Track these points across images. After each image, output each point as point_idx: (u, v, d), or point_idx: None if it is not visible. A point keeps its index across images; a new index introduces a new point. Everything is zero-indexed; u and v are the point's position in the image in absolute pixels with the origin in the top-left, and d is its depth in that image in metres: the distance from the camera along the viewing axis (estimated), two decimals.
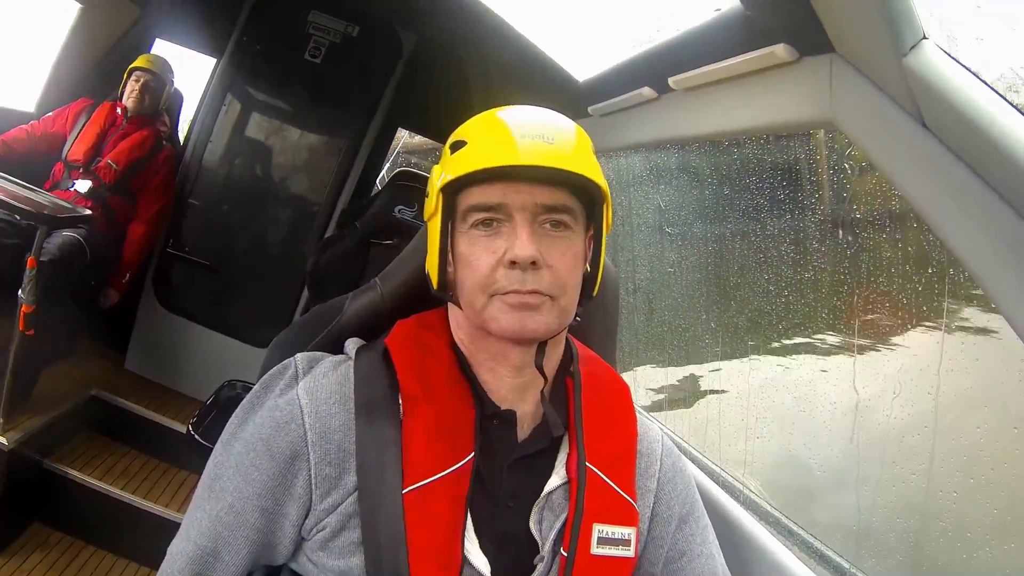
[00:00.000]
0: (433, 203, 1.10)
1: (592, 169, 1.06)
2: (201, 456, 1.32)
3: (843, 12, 1.04)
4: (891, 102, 1.06)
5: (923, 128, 1.01)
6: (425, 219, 1.15)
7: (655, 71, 1.73)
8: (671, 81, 1.65)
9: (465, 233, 1.07)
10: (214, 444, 1.17)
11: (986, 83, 0.90)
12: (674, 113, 1.76)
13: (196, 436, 2.21)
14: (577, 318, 1.13)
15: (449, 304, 1.18)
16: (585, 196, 1.09)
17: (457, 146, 1.09)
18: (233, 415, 1.17)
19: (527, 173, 1.03)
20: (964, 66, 0.92)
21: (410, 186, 3.00)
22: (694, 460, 1.96)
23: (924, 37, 0.97)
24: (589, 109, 2.23)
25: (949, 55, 0.94)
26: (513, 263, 1.02)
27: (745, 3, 1.23)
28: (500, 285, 1.04)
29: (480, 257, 1.05)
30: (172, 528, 1.15)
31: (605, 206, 1.11)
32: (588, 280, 1.14)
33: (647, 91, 1.81)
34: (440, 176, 1.09)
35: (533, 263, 1.02)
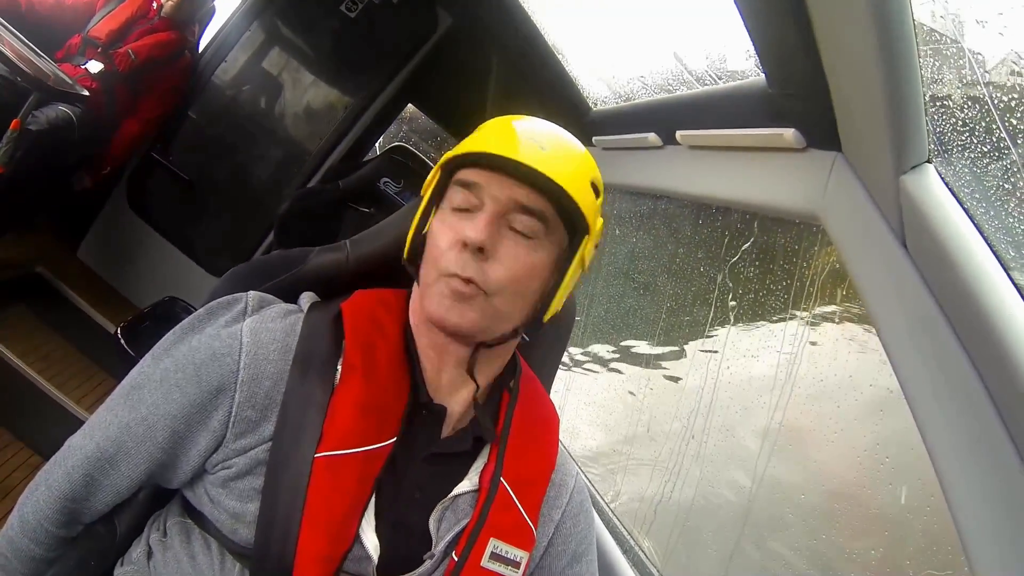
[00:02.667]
0: (431, 178, 1.12)
1: (578, 189, 1.05)
2: (122, 361, 1.28)
3: (857, 115, 1.02)
4: (879, 214, 1.05)
5: (903, 249, 1.00)
6: (421, 192, 1.16)
7: (666, 120, 1.72)
8: (679, 134, 1.64)
9: (443, 212, 1.08)
10: (137, 353, 1.15)
11: (977, 225, 0.89)
12: (674, 166, 1.74)
13: (122, 340, 2.15)
14: (526, 337, 1.14)
15: (414, 287, 1.16)
16: (568, 221, 1.08)
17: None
18: (171, 331, 1.14)
19: (504, 165, 1.03)
20: (960, 202, 0.91)
21: (402, 162, 2.97)
22: (598, 509, 1.94)
23: (927, 161, 0.96)
24: (594, 139, 2.21)
25: (948, 186, 0.93)
26: (464, 245, 1.01)
27: (769, 81, 1.22)
28: (446, 265, 1.03)
29: (444, 235, 1.05)
30: (74, 423, 1.12)
31: (587, 239, 1.10)
32: (543, 305, 1.11)
33: (653, 137, 1.79)
34: (442, 161, 1.10)
35: (480, 250, 1.01)
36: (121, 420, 1.07)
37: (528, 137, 1.06)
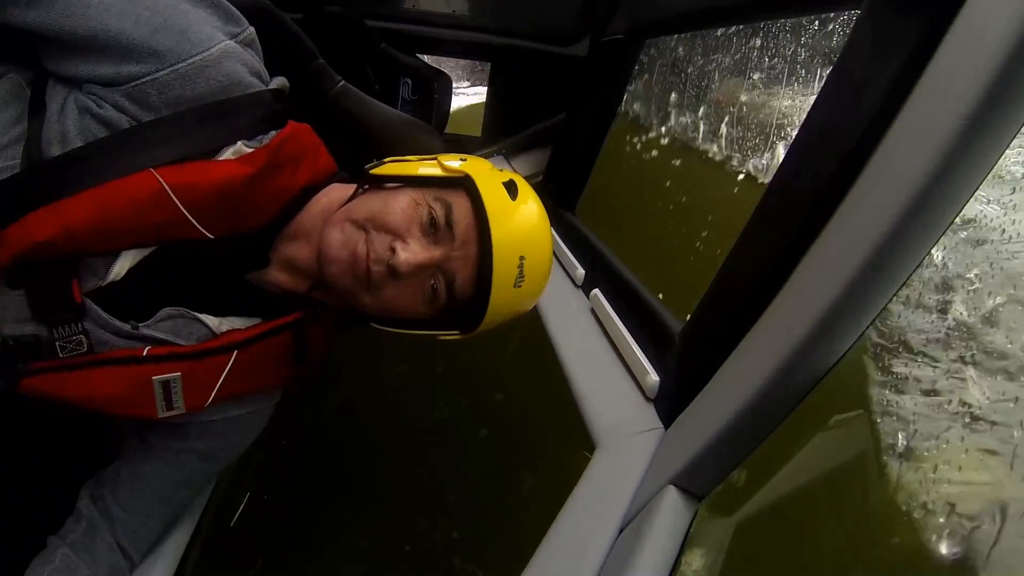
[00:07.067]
0: (446, 166, 1.10)
1: (498, 321, 1.10)
2: None
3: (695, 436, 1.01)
4: (630, 497, 1.03)
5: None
6: (436, 159, 1.13)
7: (600, 274, 1.71)
8: (593, 292, 1.64)
9: (427, 198, 1.07)
10: None
11: None
12: (569, 308, 1.71)
13: None
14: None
15: (355, 188, 1.15)
16: (461, 318, 1.11)
17: (511, 189, 1.08)
18: None
19: (483, 249, 1.03)
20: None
21: (433, 87, 2.85)
22: None
23: (700, 500, 0.95)
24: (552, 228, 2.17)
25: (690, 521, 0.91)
26: (392, 250, 1.02)
27: (682, 334, 1.21)
28: (371, 236, 1.04)
29: (403, 212, 1.05)
30: None
31: (456, 335, 1.13)
32: (387, 323, 1.13)
33: (580, 274, 1.78)
34: (477, 169, 1.09)
35: (393, 271, 1.02)
36: None
37: (523, 261, 1.05)
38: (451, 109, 2.78)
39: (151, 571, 1.23)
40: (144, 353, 1.05)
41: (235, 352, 1.11)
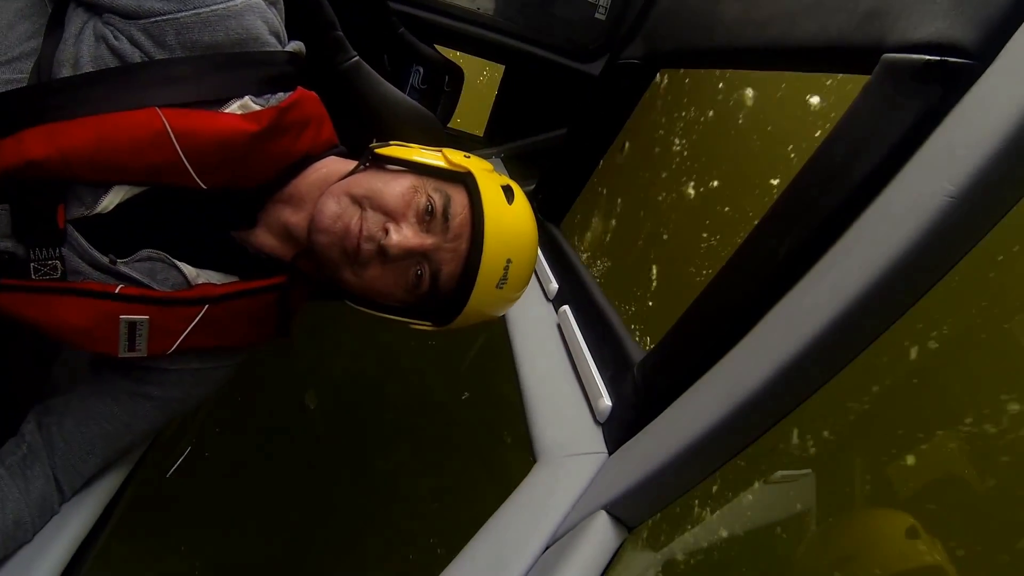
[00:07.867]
0: (450, 159, 1.11)
1: (472, 319, 1.11)
2: None
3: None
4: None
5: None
6: (441, 151, 1.14)
7: (573, 291, 1.69)
8: (563, 308, 1.62)
9: (428, 187, 1.08)
10: None
11: None
12: (537, 318, 1.70)
13: None
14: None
15: (357, 165, 1.14)
16: (439, 309, 1.13)
17: (508, 193, 1.11)
18: None
19: (474, 246, 1.05)
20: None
21: (444, 79, 2.83)
22: None
23: (629, 532, 0.93)
24: None
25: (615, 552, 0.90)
26: (385, 230, 1.03)
27: (641, 368, 1.19)
28: (367, 213, 1.04)
29: (398, 201, 1.05)
30: None
31: (428, 325, 1.15)
32: (362, 303, 1.14)
33: (553, 287, 1.77)
34: (479, 167, 1.11)
35: (383, 252, 1.03)
36: None
37: (509, 263, 1.07)
38: None
39: (79, 508, 1.20)
40: (116, 290, 1.04)
41: (207, 306, 1.11)
